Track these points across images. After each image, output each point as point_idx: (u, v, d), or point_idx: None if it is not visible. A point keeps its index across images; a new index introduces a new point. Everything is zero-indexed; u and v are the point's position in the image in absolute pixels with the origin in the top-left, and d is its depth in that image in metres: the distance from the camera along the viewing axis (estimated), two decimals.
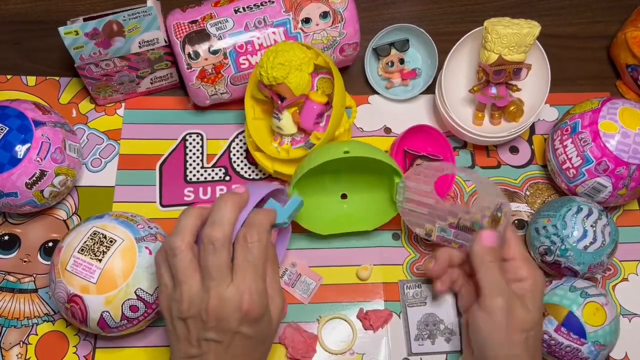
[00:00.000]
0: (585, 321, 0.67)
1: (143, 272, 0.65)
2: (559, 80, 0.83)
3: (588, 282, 0.71)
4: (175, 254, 0.57)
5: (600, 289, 0.70)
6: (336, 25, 0.78)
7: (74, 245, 0.65)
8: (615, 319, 0.68)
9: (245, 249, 0.58)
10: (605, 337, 0.67)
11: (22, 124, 0.69)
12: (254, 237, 0.58)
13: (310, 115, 0.75)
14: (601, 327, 0.67)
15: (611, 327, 0.67)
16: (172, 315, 0.59)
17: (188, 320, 0.57)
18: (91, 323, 0.64)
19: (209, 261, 0.56)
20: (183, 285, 0.57)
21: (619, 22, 0.91)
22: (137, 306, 0.64)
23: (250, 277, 0.57)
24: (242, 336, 0.57)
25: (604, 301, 0.68)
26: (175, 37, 0.76)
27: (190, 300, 0.57)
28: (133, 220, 0.68)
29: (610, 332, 0.67)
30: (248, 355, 0.59)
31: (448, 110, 0.79)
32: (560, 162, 0.77)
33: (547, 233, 0.72)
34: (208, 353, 0.57)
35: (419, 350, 0.73)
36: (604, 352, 0.67)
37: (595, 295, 0.68)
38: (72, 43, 0.73)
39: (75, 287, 0.63)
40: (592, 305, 0.67)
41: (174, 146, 0.82)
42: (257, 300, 0.57)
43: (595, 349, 0.66)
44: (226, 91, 0.79)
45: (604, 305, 0.68)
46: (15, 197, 0.70)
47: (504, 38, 0.72)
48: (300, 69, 0.71)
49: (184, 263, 0.57)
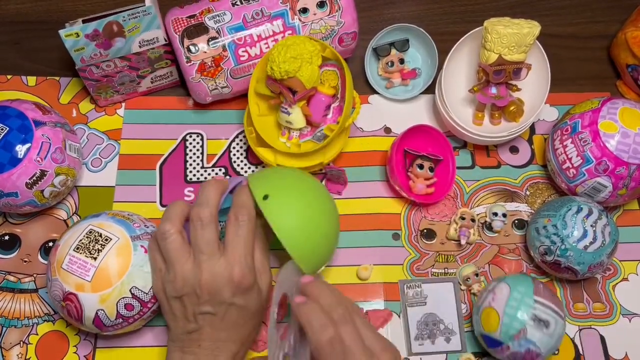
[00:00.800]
0: (487, 331, 0.68)
1: (138, 271, 0.65)
2: (559, 80, 0.83)
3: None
4: (166, 237, 0.62)
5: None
6: (333, 14, 0.78)
7: (70, 243, 0.65)
8: (510, 302, 0.67)
9: (237, 226, 0.62)
10: (510, 330, 0.66)
11: (23, 124, 0.69)
12: (244, 216, 0.62)
13: (320, 107, 0.76)
14: (499, 326, 0.67)
15: (510, 316, 0.66)
16: (167, 296, 0.63)
17: (183, 297, 0.62)
18: (86, 321, 0.64)
19: (198, 237, 0.61)
20: (175, 266, 0.62)
21: (619, 22, 0.91)
22: (132, 304, 0.65)
23: (240, 251, 0.61)
24: (235, 307, 0.62)
25: (490, 298, 0.68)
26: (173, 31, 0.76)
27: (183, 278, 0.61)
28: (129, 218, 0.68)
29: (512, 321, 0.66)
30: (241, 325, 0.63)
31: (448, 110, 0.79)
32: (560, 162, 0.77)
33: (547, 233, 0.72)
34: (204, 326, 0.62)
35: (419, 350, 0.73)
36: (528, 336, 0.66)
37: (482, 301, 0.69)
38: (73, 45, 0.73)
39: (70, 285, 0.64)
40: (484, 314, 0.69)
41: (174, 146, 0.82)
42: (247, 272, 0.61)
43: (518, 340, 0.66)
44: (226, 85, 0.79)
45: (491, 303, 0.68)
46: (16, 197, 0.70)
47: (504, 38, 0.72)
48: (311, 62, 0.71)
49: (175, 245, 0.62)
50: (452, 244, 0.79)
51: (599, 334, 0.75)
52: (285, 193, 0.65)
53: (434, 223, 0.80)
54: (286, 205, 0.64)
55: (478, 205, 0.81)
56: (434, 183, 0.79)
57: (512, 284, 0.69)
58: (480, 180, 0.83)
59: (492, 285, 0.70)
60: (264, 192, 0.64)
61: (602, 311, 0.76)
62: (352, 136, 0.83)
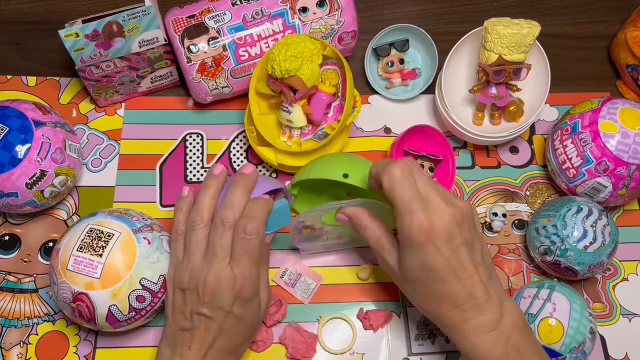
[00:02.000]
0: (547, 343, 0.66)
1: (145, 262, 0.65)
2: (559, 80, 0.83)
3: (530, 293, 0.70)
4: (194, 228, 0.64)
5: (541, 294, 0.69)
6: (333, 13, 0.78)
7: (72, 244, 0.65)
8: (572, 315, 0.67)
9: (244, 241, 0.62)
10: (573, 343, 0.66)
11: (23, 124, 0.69)
12: (253, 230, 0.62)
13: (321, 106, 0.76)
14: (561, 339, 0.66)
15: (574, 329, 0.66)
16: (174, 285, 0.64)
17: (186, 292, 0.63)
18: (99, 319, 0.64)
19: (216, 238, 0.62)
20: (190, 257, 0.63)
21: (619, 22, 0.91)
22: (143, 296, 0.64)
23: (245, 264, 0.62)
24: (232, 315, 0.62)
25: (551, 309, 0.67)
26: (173, 31, 0.76)
27: (191, 271, 0.63)
28: (127, 214, 0.68)
29: (575, 333, 0.66)
30: (234, 334, 0.64)
31: (448, 110, 0.79)
32: (560, 162, 0.77)
33: (547, 233, 0.72)
34: (199, 327, 0.62)
35: (419, 350, 0.73)
36: (585, 348, 0.67)
37: (540, 310, 0.68)
38: (73, 45, 0.73)
39: (79, 285, 0.63)
40: (544, 325, 0.67)
41: (174, 146, 0.82)
42: (250, 283, 0.62)
43: (576, 354, 0.66)
44: (227, 85, 0.79)
45: (553, 314, 0.67)
46: (16, 197, 0.70)
47: (504, 38, 0.72)
48: (312, 60, 0.71)
49: (198, 236, 0.63)
50: None
51: (599, 334, 0.75)
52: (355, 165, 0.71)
53: None
54: (365, 174, 0.69)
55: (478, 205, 0.81)
56: None
57: (567, 294, 0.68)
58: (480, 180, 0.83)
59: (544, 293, 0.68)
60: (338, 174, 0.69)
61: (602, 311, 0.76)
62: (352, 136, 0.83)
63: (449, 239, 0.58)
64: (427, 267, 0.59)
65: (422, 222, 0.58)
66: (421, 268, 0.60)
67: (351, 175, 0.69)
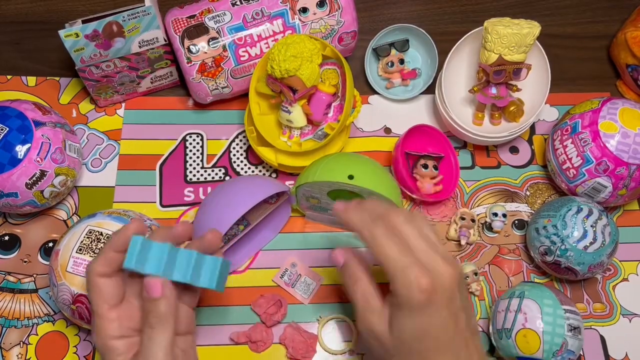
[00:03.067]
0: (527, 354, 0.66)
1: None
2: (559, 80, 0.83)
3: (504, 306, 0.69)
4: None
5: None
6: (333, 13, 0.78)
7: (71, 246, 0.65)
8: (545, 319, 0.66)
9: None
10: (553, 347, 0.65)
11: (22, 124, 0.69)
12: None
13: (321, 106, 0.76)
14: (540, 347, 0.65)
15: (550, 333, 0.65)
16: None
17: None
18: None
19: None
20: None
21: (619, 22, 0.91)
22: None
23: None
24: None
25: (523, 319, 0.66)
26: (173, 32, 0.76)
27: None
28: (125, 215, 0.68)
29: (552, 337, 0.65)
30: None
31: (448, 110, 0.79)
32: (560, 162, 0.77)
33: (547, 233, 0.72)
34: None
35: None
36: (568, 347, 0.66)
37: (513, 323, 0.67)
38: (73, 45, 0.73)
39: (79, 287, 0.63)
40: (519, 337, 0.66)
41: (174, 146, 0.82)
42: None
43: (561, 355, 0.66)
44: (227, 85, 0.79)
45: (525, 324, 0.66)
46: (16, 197, 0.70)
47: (504, 38, 0.72)
48: (311, 60, 0.71)
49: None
50: (452, 244, 0.79)
51: (599, 334, 0.75)
52: (361, 166, 0.71)
53: (434, 223, 0.80)
54: (370, 175, 0.71)
55: (478, 205, 0.81)
56: (440, 180, 0.79)
57: (537, 298, 0.67)
58: (480, 180, 0.83)
59: (514, 304, 0.68)
60: (344, 175, 0.69)
61: (602, 311, 0.76)
62: (352, 136, 0.83)
63: (450, 301, 0.53)
64: (424, 333, 0.52)
65: (422, 280, 0.51)
66: (416, 334, 0.53)
67: (357, 177, 0.69)
